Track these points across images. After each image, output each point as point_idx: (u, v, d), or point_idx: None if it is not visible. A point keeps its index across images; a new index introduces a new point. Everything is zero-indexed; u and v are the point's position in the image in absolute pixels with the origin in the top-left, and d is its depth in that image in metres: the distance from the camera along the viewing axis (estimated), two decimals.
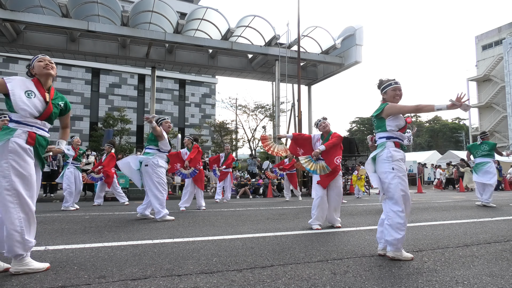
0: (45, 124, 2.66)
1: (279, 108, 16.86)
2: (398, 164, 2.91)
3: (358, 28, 16.17)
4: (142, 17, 14.38)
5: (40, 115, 2.60)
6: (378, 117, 3.08)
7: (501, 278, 2.31)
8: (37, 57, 2.75)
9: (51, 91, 2.75)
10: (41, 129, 2.64)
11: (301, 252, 3.07)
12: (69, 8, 12.83)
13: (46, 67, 2.70)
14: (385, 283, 2.22)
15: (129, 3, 20.87)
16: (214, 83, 34.42)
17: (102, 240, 3.65)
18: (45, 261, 2.73)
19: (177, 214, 6.30)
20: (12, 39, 13.79)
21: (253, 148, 26.44)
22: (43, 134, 2.65)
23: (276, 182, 13.64)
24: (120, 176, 10.69)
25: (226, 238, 3.79)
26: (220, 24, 14.91)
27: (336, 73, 17.94)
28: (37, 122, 2.59)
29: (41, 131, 2.63)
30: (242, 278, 2.31)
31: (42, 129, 2.64)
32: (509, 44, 31.50)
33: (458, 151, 27.35)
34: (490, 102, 35.06)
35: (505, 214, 6.09)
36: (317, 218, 4.53)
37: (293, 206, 8.05)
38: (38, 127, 2.61)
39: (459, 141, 45.74)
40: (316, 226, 4.47)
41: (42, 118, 2.62)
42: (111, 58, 15.90)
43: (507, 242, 3.51)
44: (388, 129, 3.02)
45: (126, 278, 2.31)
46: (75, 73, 28.19)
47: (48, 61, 2.74)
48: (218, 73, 19.62)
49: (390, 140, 3.00)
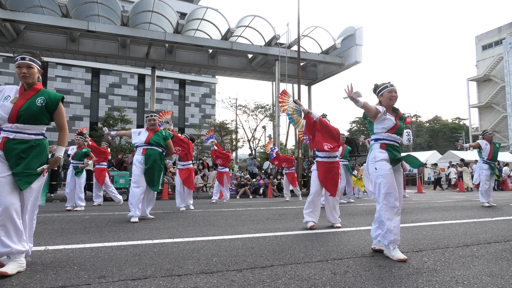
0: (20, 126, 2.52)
1: (279, 108, 16.86)
2: (380, 164, 3.04)
3: (358, 28, 16.18)
4: (142, 17, 14.39)
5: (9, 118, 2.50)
6: (368, 120, 3.25)
7: (501, 278, 2.31)
8: (17, 61, 2.61)
9: (32, 90, 2.62)
10: (16, 133, 2.52)
11: (301, 252, 3.07)
12: (69, 8, 12.84)
13: (23, 77, 2.59)
14: (385, 283, 2.22)
15: (129, 3, 20.87)
16: (214, 83, 34.41)
17: (102, 240, 3.65)
18: (45, 261, 2.73)
19: (177, 214, 6.30)
20: (12, 39, 13.80)
21: (253, 148, 26.44)
22: (17, 137, 2.51)
23: (276, 182, 13.65)
24: (120, 176, 10.70)
25: (226, 238, 3.79)
26: (220, 24, 14.92)
27: (336, 73, 17.95)
28: (8, 126, 2.51)
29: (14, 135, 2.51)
30: (242, 278, 2.31)
31: (18, 132, 2.52)
32: (509, 44, 31.51)
33: (458, 151, 27.35)
34: (490, 102, 35.06)
35: (505, 214, 6.09)
36: (309, 215, 4.52)
37: (293, 206, 8.05)
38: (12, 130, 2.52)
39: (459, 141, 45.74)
40: (311, 224, 4.45)
41: (11, 120, 2.50)
42: (111, 58, 15.92)
43: (507, 242, 3.51)
44: (375, 131, 3.18)
45: (126, 278, 2.31)
46: (75, 73, 28.17)
47: (26, 67, 2.59)
48: (218, 73, 19.64)
49: (377, 142, 3.15)
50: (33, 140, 2.57)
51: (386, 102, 3.14)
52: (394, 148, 3.12)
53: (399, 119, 3.20)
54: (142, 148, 5.48)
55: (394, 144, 3.13)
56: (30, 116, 2.53)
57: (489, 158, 7.65)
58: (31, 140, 2.56)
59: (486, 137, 7.73)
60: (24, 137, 2.54)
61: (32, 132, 2.57)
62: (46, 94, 2.64)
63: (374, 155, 3.10)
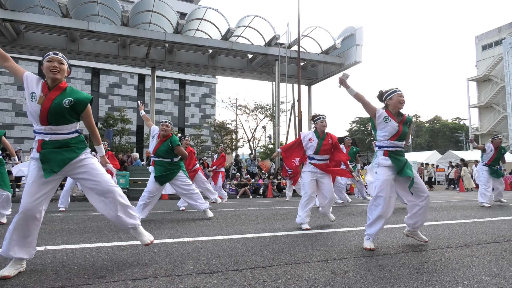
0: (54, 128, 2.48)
1: (279, 108, 16.86)
2: (381, 170, 3.28)
3: (358, 28, 16.18)
4: (142, 17, 14.39)
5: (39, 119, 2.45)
6: (372, 126, 3.44)
7: (501, 278, 2.31)
8: (48, 55, 2.53)
9: (57, 89, 2.52)
10: (51, 134, 2.48)
11: (301, 252, 3.07)
12: (69, 8, 12.84)
13: (52, 71, 2.49)
14: (385, 283, 2.22)
15: (129, 3, 20.88)
16: (214, 83, 34.40)
17: (102, 240, 3.65)
18: (45, 261, 2.73)
19: (177, 214, 6.30)
20: (12, 39, 13.80)
21: (253, 148, 26.44)
22: (52, 139, 2.48)
23: (276, 182, 13.64)
24: (120, 176, 10.69)
25: (226, 238, 3.79)
26: (220, 24, 14.92)
27: (336, 73, 17.94)
28: (42, 128, 2.46)
29: (49, 136, 2.47)
30: (242, 278, 2.31)
31: (53, 133, 2.48)
32: (509, 44, 31.52)
33: (458, 151, 27.38)
34: (490, 102, 35.07)
35: (505, 214, 6.10)
36: (303, 219, 4.52)
37: (293, 206, 8.05)
38: (46, 132, 2.47)
39: (459, 141, 45.73)
40: (306, 226, 4.47)
41: (43, 122, 2.45)
42: (111, 58, 15.91)
43: (507, 242, 3.51)
44: (378, 139, 3.35)
45: (126, 278, 2.31)
46: (75, 73, 28.15)
47: (58, 62, 2.52)
48: (218, 73, 19.63)
49: (380, 149, 3.34)
50: (69, 139, 2.55)
51: (394, 106, 3.28)
52: (397, 153, 3.29)
53: (403, 124, 3.29)
54: (152, 159, 5.41)
55: (397, 150, 3.30)
56: (59, 118, 2.48)
57: (488, 163, 7.72)
58: (66, 139, 2.53)
59: (495, 141, 7.71)
60: (60, 137, 2.51)
61: (67, 131, 2.54)
62: (74, 95, 2.56)
63: (378, 161, 3.32)
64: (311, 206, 4.63)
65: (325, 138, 4.70)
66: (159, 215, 6.08)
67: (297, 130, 15.58)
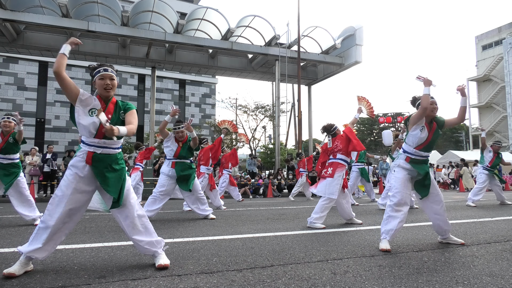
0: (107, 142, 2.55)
1: (279, 108, 16.86)
2: (399, 169, 3.37)
3: (358, 28, 16.17)
4: (142, 17, 14.38)
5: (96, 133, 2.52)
6: (406, 125, 3.48)
7: (501, 278, 2.31)
8: (99, 72, 2.59)
9: (112, 103, 2.63)
10: (103, 147, 2.54)
11: (301, 252, 3.07)
12: (69, 8, 12.84)
13: (106, 89, 2.58)
14: (385, 283, 2.22)
15: (129, 3, 20.86)
16: (214, 83, 34.42)
17: (102, 240, 3.65)
18: (45, 261, 2.73)
19: (177, 214, 6.30)
20: (12, 39, 13.80)
21: (253, 148, 26.44)
22: (104, 152, 2.54)
23: (276, 182, 13.64)
24: None
25: (226, 238, 3.79)
26: (220, 24, 14.91)
27: (336, 73, 17.93)
28: (95, 141, 2.52)
29: (101, 150, 2.54)
30: (242, 278, 2.31)
31: (105, 147, 2.55)
32: (509, 44, 31.50)
33: (458, 151, 27.35)
34: (490, 102, 35.05)
35: (505, 214, 6.10)
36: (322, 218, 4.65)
37: (293, 206, 8.05)
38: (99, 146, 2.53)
39: (459, 141, 45.69)
40: (322, 226, 4.58)
41: (98, 136, 2.52)
42: (111, 58, 15.90)
43: (507, 242, 3.51)
44: (406, 142, 3.44)
45: (126, 278, 2.31)
46: (75, 73, 28.16)
47: (109, 78, 2.59)
48: (218, 73, 19.63)
49: (403, 154, 3.43)
50: (117, 154, 2.63)
51: (427, 114, 3.30)
52: (419, 162, 3.36)
53: (434, 133, 3.34)
54: (172, 162, 5.39)
55: (419, 159, 3.36)
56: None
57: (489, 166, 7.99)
58: (115, 154, 2.61)
59: (494, 147, 7.99)
60: (110, 152, 2.58)
61: (116, 146, 2.62)
62: (123, 107, 2.68)
63: (399, 163, 3.42)
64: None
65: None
66: (159, 215, 6.07)
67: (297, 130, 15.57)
